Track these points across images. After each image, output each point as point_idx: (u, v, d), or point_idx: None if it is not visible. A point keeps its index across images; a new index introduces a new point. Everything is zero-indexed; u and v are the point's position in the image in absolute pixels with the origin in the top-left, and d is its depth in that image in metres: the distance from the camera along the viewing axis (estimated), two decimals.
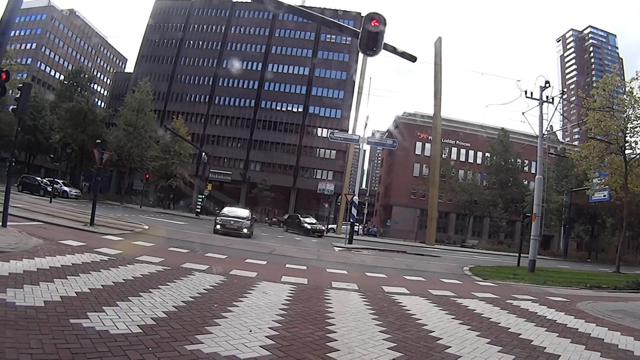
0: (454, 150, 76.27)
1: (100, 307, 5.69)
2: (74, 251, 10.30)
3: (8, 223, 12.18)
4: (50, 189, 36.86)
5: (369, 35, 9.96)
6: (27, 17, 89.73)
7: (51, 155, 39.73)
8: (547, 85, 23.78)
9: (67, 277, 7.34)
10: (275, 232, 38.43)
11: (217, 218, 25.38)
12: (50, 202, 29.92)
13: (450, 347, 5.88)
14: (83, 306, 5.67)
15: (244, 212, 27.60)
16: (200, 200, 47.81)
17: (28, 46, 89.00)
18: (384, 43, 10.15)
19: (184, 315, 5.99)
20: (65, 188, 44.74)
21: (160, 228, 23.22)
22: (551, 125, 50.43)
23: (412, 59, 11.16)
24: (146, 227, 21.52)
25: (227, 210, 27.53)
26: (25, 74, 69.98)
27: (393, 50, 10.78)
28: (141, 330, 5.01)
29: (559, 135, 79.48)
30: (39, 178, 45.08)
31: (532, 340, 6.65)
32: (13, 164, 16.31)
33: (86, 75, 73.61)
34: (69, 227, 15.59)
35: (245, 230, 24.26)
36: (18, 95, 13.24)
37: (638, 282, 16.74)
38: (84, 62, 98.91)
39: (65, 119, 56.42)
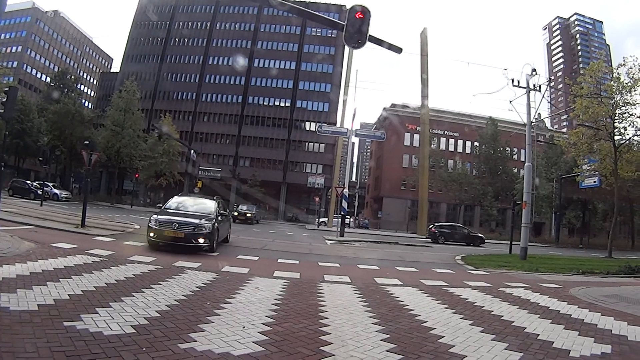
0: (443, 140, 76.59)
1: (94, 309, 5.70)
2: (66, 254, 10.28)
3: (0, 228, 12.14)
4: (40, 192, 36.65)
5: (354, 28, 9.96)
6: (12, 20, 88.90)
7: (40, 158, 39.56)
8: (534, 73, 23.88)
9: (60, 279, 7.35)
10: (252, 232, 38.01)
11: (153, 218, 13.98)
12: (41, 205, 29.67)
13: (444, 336, 5.92)
14: (76, 308, 5.69)
15: (206, 206, 15.95)
16: None
17: (13, 49, 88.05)
18: (369, 35, 10.14)
19: (177, 313, 6.02)
20: (56, 191, 44.48)
21: None
22: (539, 113, 50.74)
23: (398, 50, 11.13)
24: (137, 226, 21.45)
25: (176, 201, 16.33)
26: (11, 77, 69.56)
27: (378, 42, 10.75)
28: (134, 331, 5.03)
29: (547, 122, 79.58)
30: (29, 182, 44.86)
31: (526, 328, 6.72)
32: (3, 168, 16.24)
33: (72, 77, 73.18)
34: (60, 230, 15.52)
35: (200, 240, 13.59)
36: (5, 99, 13.17)
37: (630, 267, 16.86)
38: (69, 63, 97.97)
39: (53, 121, 56.17)
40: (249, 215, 42.47)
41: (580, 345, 5.85)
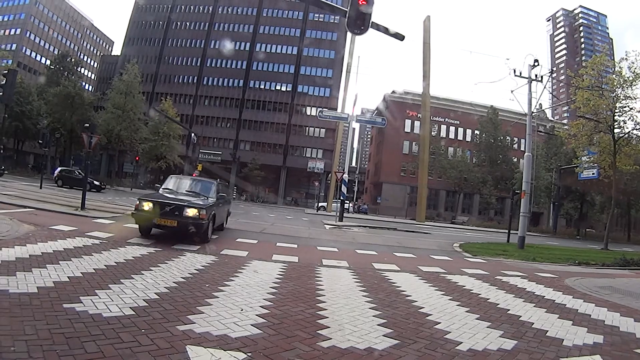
0: (443, 128, 76.76)
1: (93, 291, 5.71)
2: (66, 236, 10.27)
3: None
4: (98, 183, 39.17)
5: (357, 14, 9.91)
6: (10, 2, 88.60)
7: (40, 141, 39.38)
8: (536, 64, 23.77)
9: (60, 262, 7.34)
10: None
11: None
12: (40, 187, 29.63)
13: (440, 322, 5.96)
14: (76, 291, 5.69)
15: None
16: None
17: (12, 32, 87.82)
18: (372, 22, 10.09)
19: (176, 296, 6.04)
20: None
21: None
22: (540, 104, 50.57)
23: (400, 37, 11.08)
24: None
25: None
26: (10, 60, 69.43)
27: (381, 29, 10.72)
28: (134, 313, 5.04)
29: (548, 113, 79.60)
30: (77, 170, 43.62)
31: (521, 316, 6.77)
32: (1, 151, 16.27)
33: (73, 59, 73.04)
34: (60, 212, 15.47)
35: None
36: (3, 82, 13.13)
37: (625, 259, 16.98)
38: (70, 45, 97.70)
39: (53, 104, 56.10)
40: (189, 214, 11.45)
41: (574, 335, 5.91)
